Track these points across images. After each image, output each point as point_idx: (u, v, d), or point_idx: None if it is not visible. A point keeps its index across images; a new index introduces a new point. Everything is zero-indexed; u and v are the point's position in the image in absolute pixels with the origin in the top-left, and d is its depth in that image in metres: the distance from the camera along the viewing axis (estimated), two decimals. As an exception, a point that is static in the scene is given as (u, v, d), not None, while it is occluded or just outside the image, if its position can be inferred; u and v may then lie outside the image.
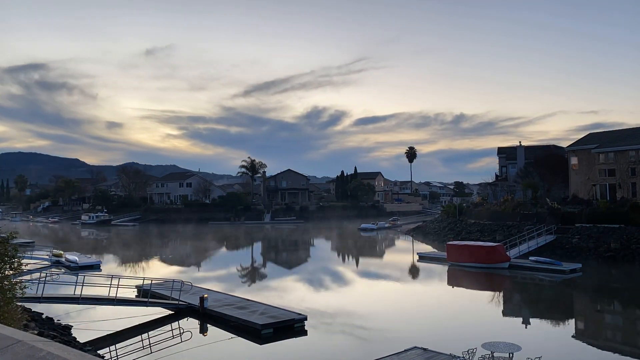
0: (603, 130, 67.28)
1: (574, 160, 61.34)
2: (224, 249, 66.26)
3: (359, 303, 29.39)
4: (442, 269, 40.42)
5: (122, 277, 25.47)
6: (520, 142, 76.42)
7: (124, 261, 50.73)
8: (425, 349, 16.73)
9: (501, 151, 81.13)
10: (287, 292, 32.67)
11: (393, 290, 33.47)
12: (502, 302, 31.19)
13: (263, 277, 41.51)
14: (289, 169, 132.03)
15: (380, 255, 58.15)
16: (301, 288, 34.79)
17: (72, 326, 21.47)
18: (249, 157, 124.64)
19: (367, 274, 41.51)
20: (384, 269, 45.17)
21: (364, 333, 22.29)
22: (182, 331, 22.23)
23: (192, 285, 27.19)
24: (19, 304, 18.00)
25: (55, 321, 21.75)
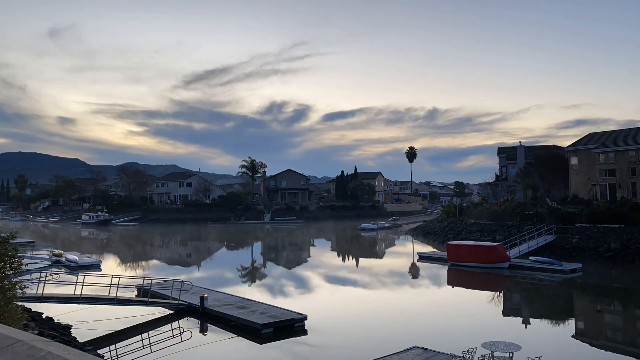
0: (603, 131, 67.28)
1: (574, 160, 61.32)
2: (224, 249, 66.25)
3: (359, 303, 29.39)
4: (442, 269, 40.42)
5: (122, 276, 25.48)
6: (520, 142, 76.47)
7: (124, 261, 50.74)
8: (425, 349, 16.73)
9: (501, 151, 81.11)
10: (287, 291, 32.67)
11: (393, 290, 33.47)
12: (502, 301, 31.18)
13: (263, 276, 41.51)
14: (289, 169, 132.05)
15: (380, 255, 58.14)
16: (301, 288, 34.79)
17: (72, 326, 21.46)
18: (249, 157, 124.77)
19: (367, 274, 41.50)
20: (384, 269, 45.16)
21: (364, 332, 22.30)
22: (182, 331, 22.23)
23: (192, 285, 27.21)
24: (19, 303, 17.99)
25: (55, 321, 21.74)
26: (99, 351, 18.65)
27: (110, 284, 23.33)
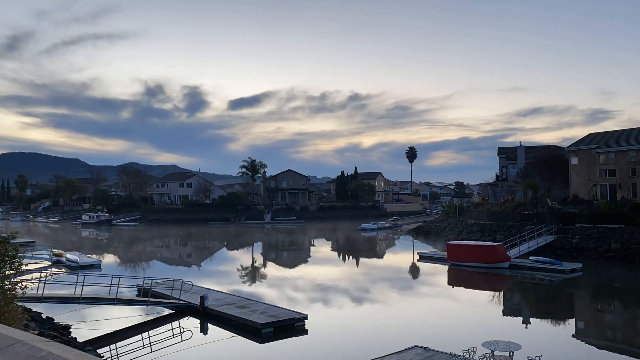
0: (604, 131, 67.30)
1: (574, 161, 61.35)
2: (224, 249, 66.25)
3: (360, 302, 29.41)
4: (443, 269, 40.42)
5: (123, 276, 25.49)
6: (520, 142, 76.51)
7: (125, 261, 50.75)
8: (425, 348, 16.74)
9: (501, 151, 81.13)
10: (287, 291, 32.66)
11: (393, 290, 33.46)
12: (502, 301, 31.18)
13: (263, 276, 41.52)
14: (289, 169, 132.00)
15: (380, 255, 58.14)
16: (301, 287, 34.78)
17: (72, 325, 21.48)
18: (249, 157, 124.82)
19: (367, 274, 41.49)
20: (384, 269, 45.15)
21: (364, 332, 22.31)
22: (182, 330, 22.24)
23: (192, 285, 27.21)
24: (20, 304, 18.00)
25: (55, 321, 21.75)
26: (99, 351, 18.67)
27: (111, 284, 23.34)
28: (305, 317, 22.27)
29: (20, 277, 16.82)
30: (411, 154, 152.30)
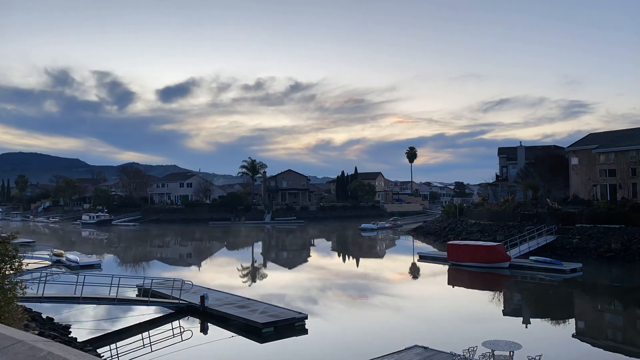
0: (604, 131, 67.32)
1: (574, 161, 61.35)
2: (224, 249, 66.24)
3: (360, 302, 29.40)
4: (443, 269, 40.41)
5: (123, 276, 25.47)
6: (520, 142, 76.53)
7: (125, 261, 50.76)
8: (425, 348, 16.74)
9: (502, 151, 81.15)
10: (287, 291, 32.67)
11: (393, 290, 33.46)
12: (502, 301, 31.18)
13: (263, 276, 41.52)
14: (289, 169, 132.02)
15: (380, 255, 58.14)
16: (302, 287, 34.79)
17: (71, 325, 21.48)
18: (249, 158, 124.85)
19: (367, 274, 41.50)
20: (384, 269, 45.16)
21: (364, 331, 22.31)
22: (182, 330, 22.24)
23: (192, 285, 27.21)
24: (20, 304, 18.00)
25: (55, 321, 21.75)
26: (99, 351, 18.68)
27: (111, 284, 23.33)
28: (306, 317, 22.28)
29: (21, 277, 16.82)
30: (411, 154, 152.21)
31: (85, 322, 22.61)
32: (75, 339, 19.23)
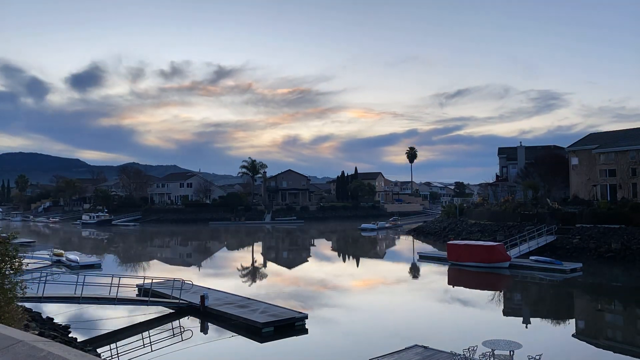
0: (604, 131, 67.31)
1: (574, 161, 61.34)
2: (224, 249, 66.25)
3: (360, 302, 29.39)
4: (443, 269, 40.41)
5: (123, 276, 25.48)
6: (520, 142, 76.52)
7: (125, 261, 50.76)
8: (425, 347, 16.74)
9: (502, 151, 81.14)
10: (287, 290, 32.67)
11: (393, 289, 33.46)
12: (502, 301, 31.17)
13: (264, 276, 41.52)
14: (289, 169, 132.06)
15: (380, 255, 58.12)
16: (302, 287, 34.79)
17: (71, 325, 21.48)
18: (249, 158, 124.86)
19: (367, 273, 41.51)
20: (384, 269, 45.16)
21: (364, 331, 22.30)
22: (182, 330, 22.24)
23: (192, 284, 27.21)
24: (20, 304, 18.00)
25: (55, 321, 21.75)
26: (99, 350, 18.68)
27: (111, 284, 23.34)
28: (306, 317, 22.28)
29: (21, 277, 16.83)
30: (411, 154, 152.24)
31: (85, 322, 22.60)
32: (75, 339, 19.23)
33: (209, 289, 28.26)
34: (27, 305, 21.34)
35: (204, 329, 22.62)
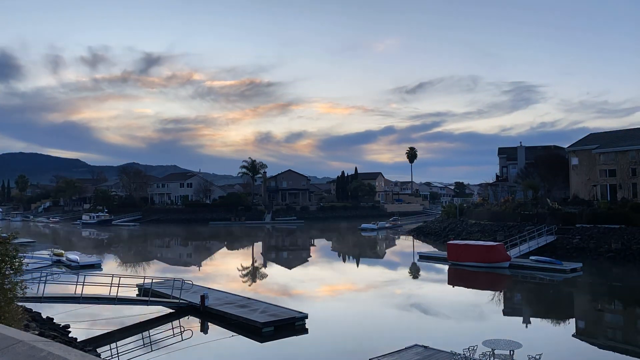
0: (604, 131, 67.32)
1: (574, 161, 61.35)
2: (224, 249, 66.25)
3: (360, 301, 29.39)
4: (443, 269, 40.42)
5: (123, 276, 25.48)
6: (520, 142, 76.54)
7: (125, 260, 50.74)
8: (426, 347, 16.74)
9: (502, 151, 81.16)
10: (287, 290, 32.67)
11: (394, 289, 33.46)
12: (502, 301, 31.17)
13: (264, 276, 41.52)
14: (289, 170, 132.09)
15: (380, 254, 58.12)
16: (302, 287, 34.79)
17: (72, 325, 21.47)
18: (249, 158, 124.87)
19: (367, 273, 41.50)
20: (384, 268, 45.16)
21: (364, 331, 22.29)
22: (183, 329, 22.25)
23: (192, 284, 27.22)
24: (20, 304, 18.00)
25: (55, 321, 21.74)
26: (100, 350, 18.68)
27: (111, 284, 23.34)
28: (306, 316, 22.28)
29: (21, 277, 16.83)
30: (411, 154, 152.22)
31: (85, 322, 22.59)
32: (75, 339, 19.22)
33: (209, 288, 28.26)
34: (27, 305, 21.34)
35: (204, 329, 22.62)
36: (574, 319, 26.56)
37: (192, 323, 23.17)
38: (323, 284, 35.99)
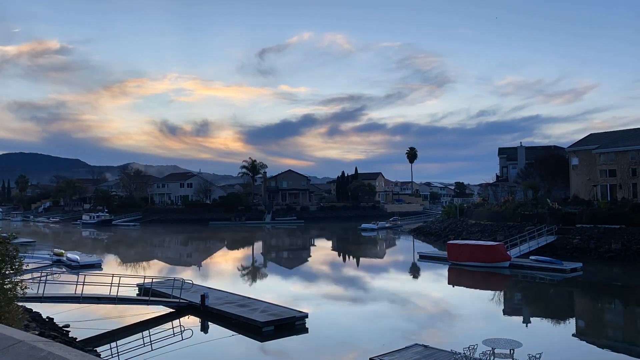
0: (604, 132, 67.27)
1: (574, 161, 61.35)
2: (224, 249, 66.26)
3: (360, 301, 29.40)
4: (443, 268, 40.41)
5: (123, 275, 25.50)
6: (520, 142, 76.57)
7: (125, 260, 50.76)
8: (426, 346, 16.75)
9: (502, 152, 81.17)
10: (287, 290, 32.68)
11: (394, 289, 33.45)
12: (502, 300, 31.16)
13: (264, 275, 41.53)
14: (289, 170, 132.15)
15: (380, 254, 58.13)
16: (302, 286, 34.80)
17: (72, 325, 21.47)
18: (249, 158, 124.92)
19: (367, 273, 41.49)
20: (384, 268, 45.15)
21: (364, 330, 22.29)
22: (183, 329, 22.25)
23: (192, 284, 27.24)
24: (20, 304, 18.00)
25: (55, 321, 21.74)
26: (100, 350, 18.68)
27: (112, 283, 23.35)
28: (306, 316, 22.29)
29: (21, 277, 16.82)
30: (411, 154, 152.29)
31: (85, 322, 22.58)
32: (75, 339, 19.22)
33: (209, 288, 28.28)
34: (27, 305, 21.34)
35: (204, 328, 22.63)
36: (574, 318, 26.59)
37: (193, 322, 23.18)
38: (323, 284, 36.00)
